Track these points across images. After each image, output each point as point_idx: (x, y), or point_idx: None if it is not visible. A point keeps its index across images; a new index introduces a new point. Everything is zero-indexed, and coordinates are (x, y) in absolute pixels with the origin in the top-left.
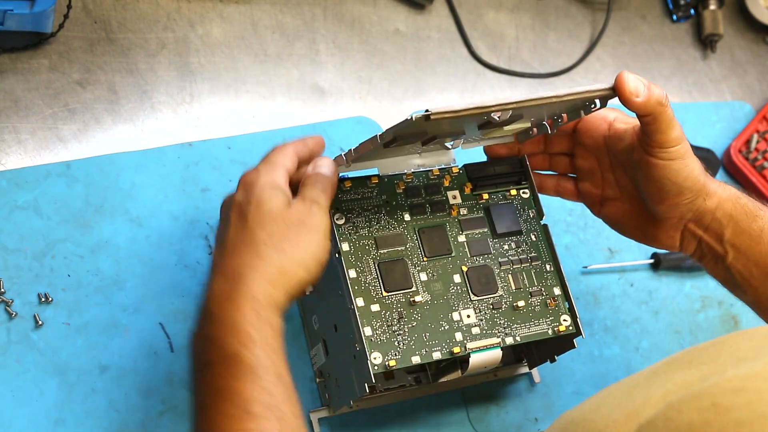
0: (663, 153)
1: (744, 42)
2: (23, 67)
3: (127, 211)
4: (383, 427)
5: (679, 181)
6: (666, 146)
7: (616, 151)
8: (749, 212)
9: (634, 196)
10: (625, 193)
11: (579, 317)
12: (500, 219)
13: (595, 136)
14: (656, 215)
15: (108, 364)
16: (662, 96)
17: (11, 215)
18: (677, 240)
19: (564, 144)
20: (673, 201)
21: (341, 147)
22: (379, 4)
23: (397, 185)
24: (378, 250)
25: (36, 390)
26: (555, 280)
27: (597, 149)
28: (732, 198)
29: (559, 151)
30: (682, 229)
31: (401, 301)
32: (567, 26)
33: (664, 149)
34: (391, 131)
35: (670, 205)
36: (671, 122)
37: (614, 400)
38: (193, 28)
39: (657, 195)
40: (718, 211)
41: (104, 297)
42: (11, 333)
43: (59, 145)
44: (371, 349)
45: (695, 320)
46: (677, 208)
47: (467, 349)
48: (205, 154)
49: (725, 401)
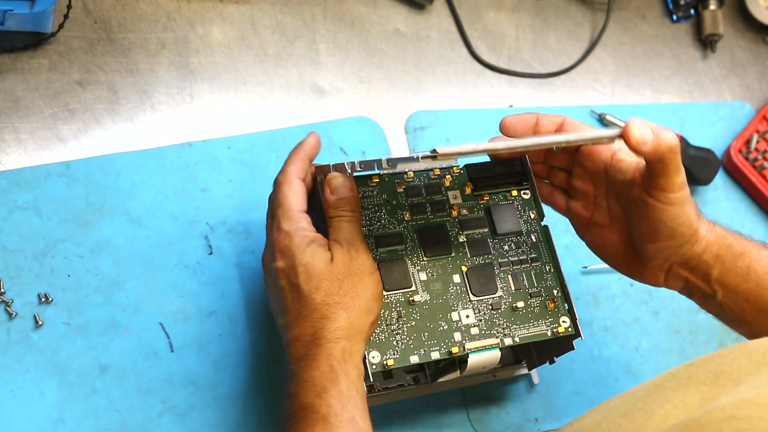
0: (664, 197)
1: (744, 42)
2: (23, 67)
3: (127, 211)
4: (383, 427)
5: (674, 226)
6: (668, 191)
7: (614, 182)
8: (735, 251)
9: (623, 228)
10: (615, 223)
11: (578, 319)
12: (501, 219)
13: (597, 161)
14: (642, 253)
15: (108, 364)
16: (672, 143)
17: (11, 215)
18: (662, 279)
19: (564, 160)
20: (663, 243)
21: (341, 147)
22: (379, 4)
23: (397, 184)
24: (377, 249)
25: (36, 390)
26: (555, 281)
27: (596, 174)
28: (719, 239)
29: (559, 165)
30: (666, 269)
31: (400, 301)
32: (567, 26)
33: (666, 193)
34: (396, 161)
35: (659, 246)
36: (678, 168)
37: (614, 416)
38: (193, 28)
39: (648, 234)
40: (705, 254)
41: (104, 297)
42: (11, 333)
43: (59, 145)
44: (369, 348)
45: (695, 320)
46: (665, 251)
47: (466, 350)
48: (205, 154)
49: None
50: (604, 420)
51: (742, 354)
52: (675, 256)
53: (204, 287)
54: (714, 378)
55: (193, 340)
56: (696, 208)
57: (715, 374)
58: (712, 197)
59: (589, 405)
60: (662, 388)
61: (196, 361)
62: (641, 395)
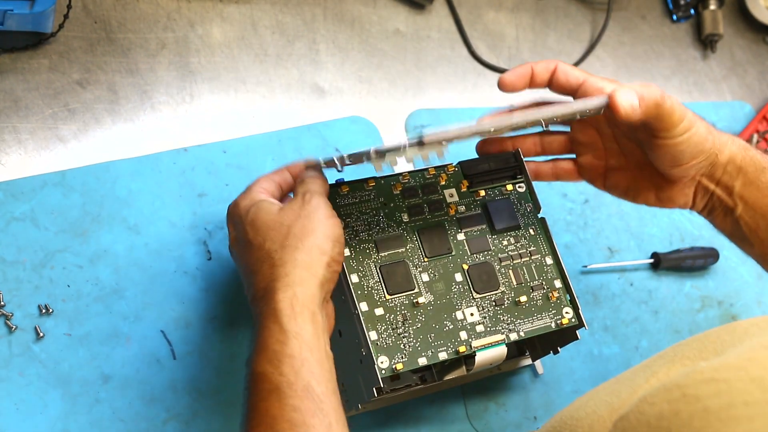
0: (670, 135)
1: (744, 42)
2: (23, 67)
3: (125, 219)
4: (387, 427)
5: (693, 150)
6: (673, 131)
7: (618, 124)
8: (758, 164)
9: (642, 161)
10: (632, 159)
11: (581, 309)
12: (498, 215)
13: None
14: (670, 177)
15: (110, 373)
16: (658, 98)
17: (8, 227)
18: (691, 197)
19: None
20: (688, 164)
21: (336, 147)
22: (379, 4)
23: (393, 186)
24: (378, 253)
25: (40, 402)
26: (555, 272)
27: (596, 122)
28: (741, 150)
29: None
30: (695, 185)
31: (405, 303)
32: (567, 26)
33: (671, 133)
34: (384, 150)
35: (685, 167)
36: (673, 113)
37: (601, 396)
38: (193, 28)
39: (670, 161)
40: (729, 165)
41: (104, 306)
42: (13, 346)
43: (59, 145)
44: (378, 354)
45: (695, 320)
46: (692, 169)
47: (472, 348)
48: (201, 158)
49: (695, 391)
50: (591, 399)
51: (726, 331)
52: (702, 170)
53: (204, 293)
54: (697, 353)
55: (195, 346)
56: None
57: (699, 350)
58: None
59: None
60: (648, 367)
61: (198, 368)
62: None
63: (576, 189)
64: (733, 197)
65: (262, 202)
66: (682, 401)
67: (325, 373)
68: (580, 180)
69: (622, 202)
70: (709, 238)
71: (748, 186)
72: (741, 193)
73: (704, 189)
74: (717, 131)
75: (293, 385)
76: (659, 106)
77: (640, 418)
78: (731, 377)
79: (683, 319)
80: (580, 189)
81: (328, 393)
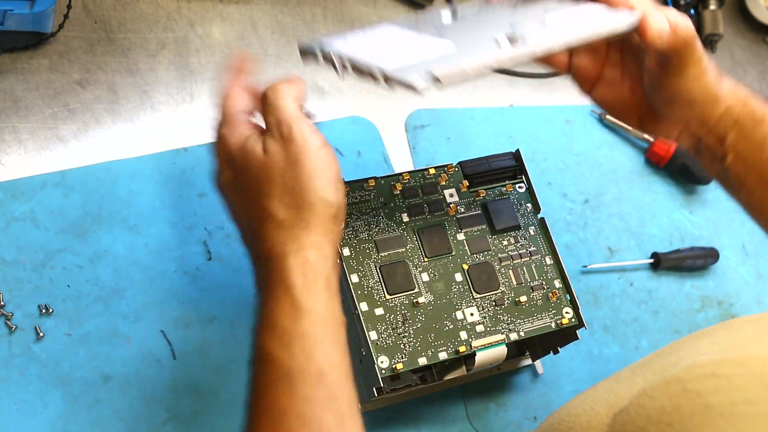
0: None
1: (744, 42)
2: (23, 67)
3: (125, 219)
4: (387, 427)
5: (693, 95)
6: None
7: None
8: (756, 117)
9: (636, 83)
10: (628, 78)
11: (581, 309)
12: (498, 215)
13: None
14: (657, 111)
15: (111, 373)
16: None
17: (8, 227)
18: (674, 135)
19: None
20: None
21: (337, 147)
22: (379, 4)
23: (394, 186)
24: (378, 253)
25: (40, 402)
26: (555, 272)
27: None
28: (741, 102)
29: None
30: (682, 126)
31: (405, 303)
32: None
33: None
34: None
35: (675, 110)
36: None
37: (599, 393)
38: (193, 28)
39: (665, 100)
40: (724, 117)
41: (105, 306)
42: (13, 346)
43: (59, 145)
44: (378, 354)
45: (695, 320)
46: (683, 114)
47: (472, 348)
48: (201, 158)
49: (696, 386)
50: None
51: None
52: (693, 120)
53: (204, 293)
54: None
55: (195, 346)
56: (716, 72)
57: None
58: (712, 197)
59: None
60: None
61: (198, 368)
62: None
63: (576, 189)
64: (724, 146)
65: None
66: (683, 396)
67: (339, 352)
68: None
69: (622, 202)
70: (709, 238)
71: (741, 138)
72: (733, 144)
73: (692, 133)
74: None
75: (305, 371)
76: (688, 45)
77: (640, 411)
78: (732, 373)
79: (683, 319)
80: (580, 189)
81: (342, 378)
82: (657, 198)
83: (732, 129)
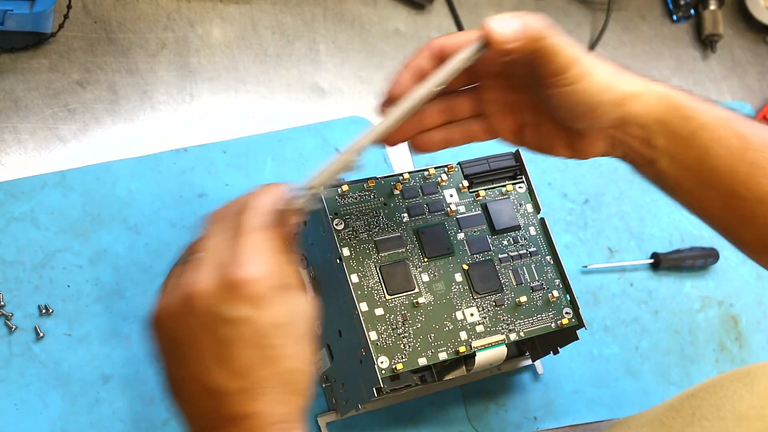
0: (559, 81)
1: (744, 42)
2: (23, 67)
3: (125, 219)
4: (387, 427)
5: (589, 100)
6: (561, 74)
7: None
8: (682, 113)
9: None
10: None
11: (581, 309)
12: (498, 215)
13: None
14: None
15: (111, 373)
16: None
17: (8, 227)
18: (604, 149)
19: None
20: (589, 117)
21: (336, 148)
22: (379, 4)
23: (394, 186)
24: (378, 253)
25: (40, 402)
26: (555, 273)
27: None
28: (663, 100)
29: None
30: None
31: (404, 304)
32: (567, 26)
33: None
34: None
35: (587, 120)
36: (555, 53)
37: None
38: (193, 28)
39: (570, 115)
40: (645, 116)
41: (104, 306)
42: (13, 346)
43: (59, 145)
44: (377, 354)
45: (695, 320)
46: (596, 122)
47: (472, 348)
48: (201, 159)
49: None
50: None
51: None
52: (609, 122)
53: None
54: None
55: None
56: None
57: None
58: None
59: (588, 404)
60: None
61: None
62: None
63: (576, 189)
64: (654, 150)
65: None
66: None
67: None
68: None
69: (622, 202)
70: (709, 238)
71: (670, 139)
72: (663, 146)
73: (619, 141)
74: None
75: None
76: (539, 41)
77: None
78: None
79: (683, 319)
80: (580, 189)
81: None
82: (657, 198)
83: (657, 130)
